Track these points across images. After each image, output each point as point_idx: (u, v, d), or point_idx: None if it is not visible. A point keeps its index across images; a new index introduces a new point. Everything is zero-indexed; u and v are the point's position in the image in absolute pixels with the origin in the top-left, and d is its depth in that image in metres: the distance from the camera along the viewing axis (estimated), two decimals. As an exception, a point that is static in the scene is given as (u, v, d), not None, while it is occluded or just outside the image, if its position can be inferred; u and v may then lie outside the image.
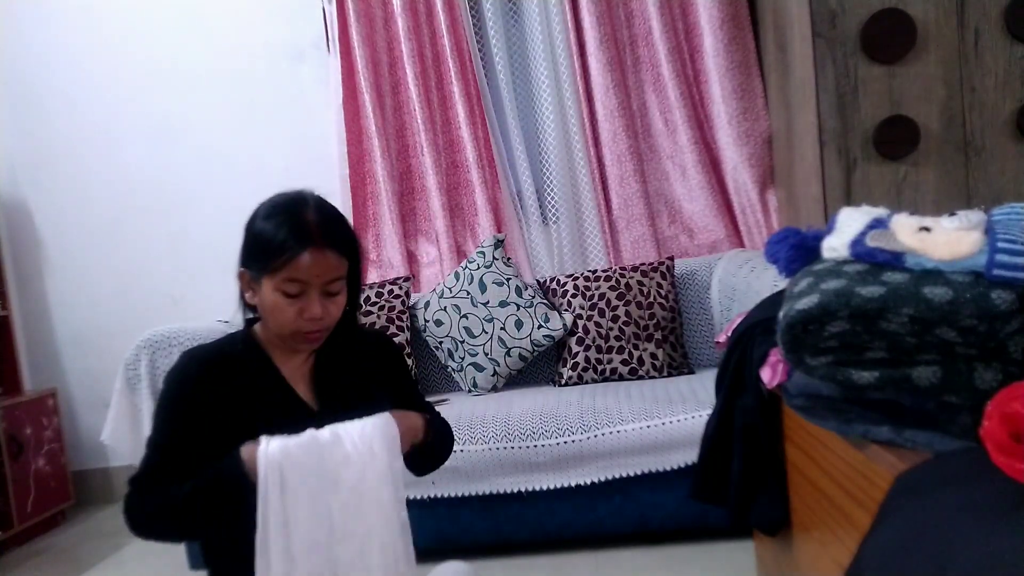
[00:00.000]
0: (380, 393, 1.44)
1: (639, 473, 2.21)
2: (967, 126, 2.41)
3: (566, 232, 3.15)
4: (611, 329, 2.75)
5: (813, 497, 1.26)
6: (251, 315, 1.38)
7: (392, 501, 1.22)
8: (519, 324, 2.80)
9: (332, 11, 3.16)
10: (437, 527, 2.31)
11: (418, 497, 2.23)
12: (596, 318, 2.77)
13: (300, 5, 3.28)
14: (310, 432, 1.21)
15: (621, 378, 2.72)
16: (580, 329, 2.78)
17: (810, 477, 1.27)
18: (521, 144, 3.17)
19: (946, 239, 0.96)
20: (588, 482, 2.23)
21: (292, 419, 1.29)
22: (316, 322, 1.27)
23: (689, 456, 2.14)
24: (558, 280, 2.93)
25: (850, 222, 1.11)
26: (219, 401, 1.28)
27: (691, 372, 2.76)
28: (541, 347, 2.81)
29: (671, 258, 2.91)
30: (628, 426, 2.21)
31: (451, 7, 3.10)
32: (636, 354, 2.72)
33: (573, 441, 2.22)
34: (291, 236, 1.22)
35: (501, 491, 2.26)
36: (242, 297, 1.35)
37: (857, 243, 1.04)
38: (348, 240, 1.30)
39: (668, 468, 2.19)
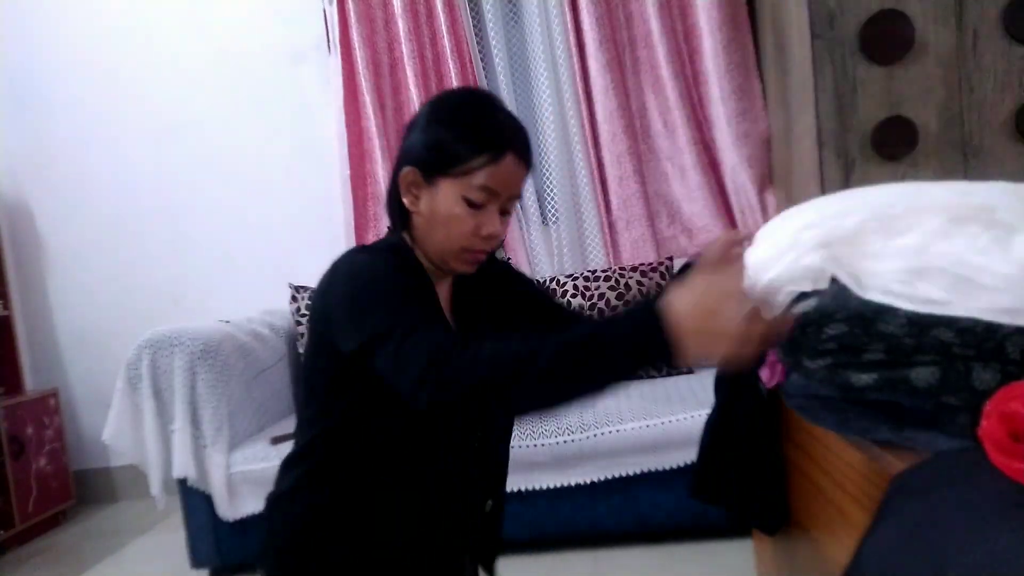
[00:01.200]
0: (516, 319, 1.29)
1: (638, 472, 2.22)
2: (966, 127, 2.41)
3: (566, 232, 3.15)
4: (611, 329, 2.75)
5: (812, 497, 1.26)
6: (397, 226, 1.19)
7: None
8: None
9: (333, 12, 3.16)
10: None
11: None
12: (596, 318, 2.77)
13: (301, 6, 3.29)
14: None
15: (621, 378, 2.72)
16: (580, 329, 2.78)
17: (809, 477, 1.27)
18: (521, 144, 3.16)
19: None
20: (588, 481, 2.24)
21: None
22: (490, 241, 1.13)
23: (688, 455, 2.15)
24: (558, 280, 2.93)
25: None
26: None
27: (690, 371, 2.76)
28: (541, 347, 2.81)
29: (670, 258, 2.92)
30: (628, 425, 2.22)
31: (451, 8, 3.11)
32: (636, 354, 2.72)
33: (573, 440, 2.23)
34: (493, 137, 1.09)
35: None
36: (395, 201, 1.16)
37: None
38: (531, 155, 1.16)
39: (667, 467, 2.20)
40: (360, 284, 1.05)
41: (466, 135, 1.09)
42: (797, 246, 1.09)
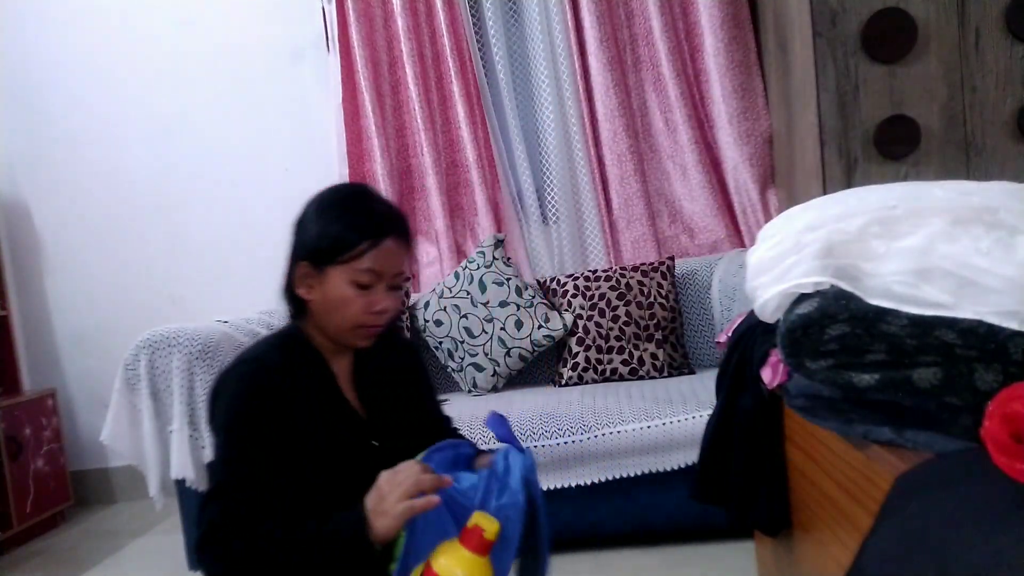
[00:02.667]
0: (414, 399, 1.42)
1: (639, 473, 2.21)
2: (968, 125, 2.41)
3: (566, 232, 3.15)
4: (611, 329, 2.75)
5: (814, 497, 1.26)
6: (294, 314, 1.34)
7: None
8: (519, 324, 2.80)
9: (332, 10, 3.16)
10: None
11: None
12: (596, 318, 2.77)
13: (299, 4, 3.28)
14: None
15: (621, 378, 2.72)
16: (580, 329, 2.78)
17: (811, 477, 1.27)
18: (521, 144, 3.16)
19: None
20: (588, 482, 2.23)
21: (351, 430, 1.29)
22: (381, 316, 1.26)
23: (689, 456, 2.14)
24: (558, 280, 2.93)
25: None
26: (285, 413, 1.21)
27: (691, 372, 2.76)
28: (541, 347, 2.81)
29: (671, 258, 2.91)
30: (628, 426, 2.21)
31: (451, 7, 3.10)
32: (636, 354, 2.72)
33: (573, 441, 2.22)
34: (372, 225, 1.22)
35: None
36: (290, 292, 1.30)
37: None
38: (411, 236, 1.31)
39: (668, 468, 2.19)
40: (216, 430, 1.22)
41: (348, 226, 1.22)
42: (799, 249, 1.09)
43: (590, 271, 2.90)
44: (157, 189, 3.42)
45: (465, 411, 2.40)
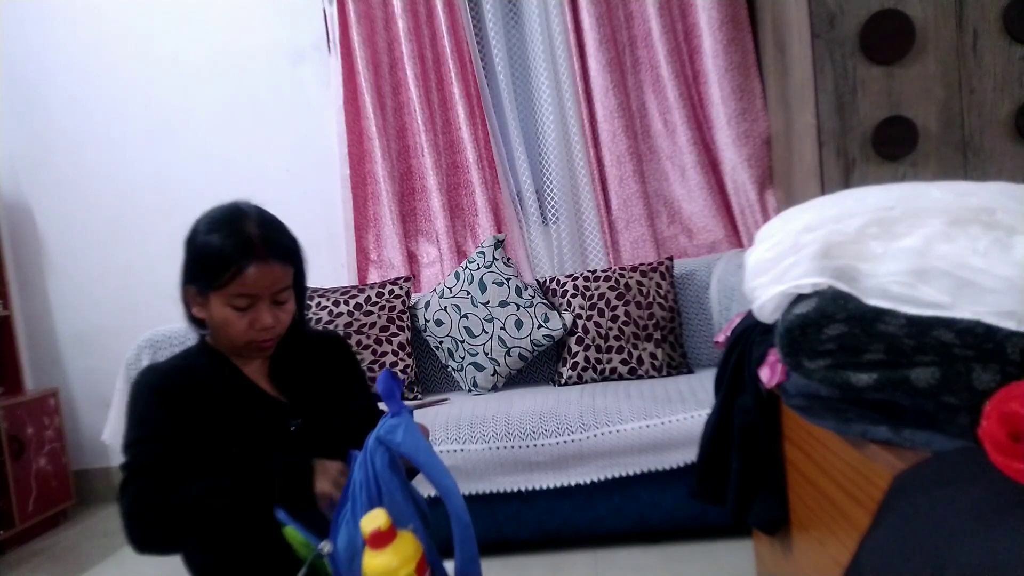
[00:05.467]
0: (334, 388, 1.45)
1: (638, 472, 2.22)
2: (966, 127, 2.42)
3: (566, 232, 3.16)
4: (610, 329, 2.76)
5: (812, 496, 1.26)
6: (200, 330, 1.38)
7: None
8: (519, 324, 2.81)
9: (333, 12, 3.16)
10: (436, 526, 2.31)
11: (419, 496, 2.24)
12: (596, 318, 2.77)
13: (301, 6, 3.29)
14: None
15: (620, 378, 2.73)
16: (580, 329, 2.79)
17: (809, 476, 1.27)
18: (521, 145, 3.17)
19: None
20: (588, 481, 2.24)
21: (267, 413, 1.33)
22: (268, 331, 1.29)
23: (688, 455, 2.15)
24: (558, 280, 2.93)
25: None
26: (191, 406, 1.25)
27: (690, 372, 2.77)
28: (541, 347, 2.82)
29: (670, 258, 2.92)
30: (627, 425, 2.22)
31: (451, 8, 3.11)
32: (635, 354, 2.73)
33: (573, 440, 2.23)
34: (236, 251, 1.23)
35: (501, 490, 2.27)
36: (189, 312, 1.35)
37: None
38: (291, 248, 1.32)
39: (667, 467, 2.20)
40: (125, 430, 1.26)
41: (214, 254, 1.24)
42: (797, 250, 1.09)
43: (589, 271, 2.91)
44: (159, 189, 3.42)
45: (465, 410, 2.41)
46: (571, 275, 2.93)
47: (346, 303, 2.90)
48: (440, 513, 1.17)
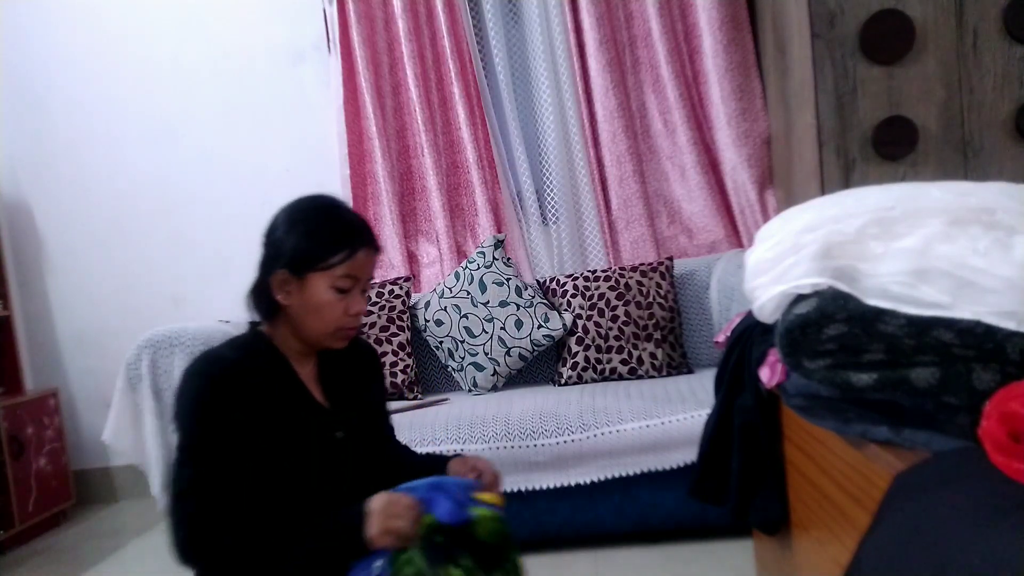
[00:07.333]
0: (370, 397, 1.50)
1: (638, 472, 2.22)
2: (966, 126, 2.42)
3: (566, 232, 3.16)
4: (610, 329, 2.76)
5: (812, 496, 1.26)
6: (256, 319, 1.39)
7: None
8: (519, 324, 2.81)
9: (333, 12, 3.16)
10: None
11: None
12: (596, 318, 2.77)
13: (301, 6, 3.29)
14: None
15: (620, 378, 2.73)
16: (580, 329, 2.79)
17: (809, 476, 1.28)
18: (521, 145, 3.17)
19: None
20: (588, 481, 2.24)
21: (316, 421, 1.35)
22: (356, 319, 1.34)
23: (688, 455, 2.15)
24: (558, 280, 2.93)
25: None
26: (245, 408, 1.26)
27: (690, 372, 2.77)
28: (541, 347, 2.82)
29: (670, 258, 2.92)
30: (627, 425, 2.22)
31: (451, 8, 3.11)
32: (635, 354, 2.73)
33: (573, 440, 2.23)
34: (350, 234, 1.31)
35: (501, 490, 2.27)
36: (262, 299, 1.35)
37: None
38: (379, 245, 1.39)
39: (667, 467, 2.20)
40: (180, 427, 1.26)
41: (328, 236, 1.30)
42: (797, 250, 1.09)
43: (589, 271, 2.91)
44: (159, 190, 3.42)
45: (465, 410, 2.41)
46: (571, 275, 2.93)
47: (346, 303, 2.90)
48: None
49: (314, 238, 1.30)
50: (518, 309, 2.83)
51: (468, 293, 2.87)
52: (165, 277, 3.45)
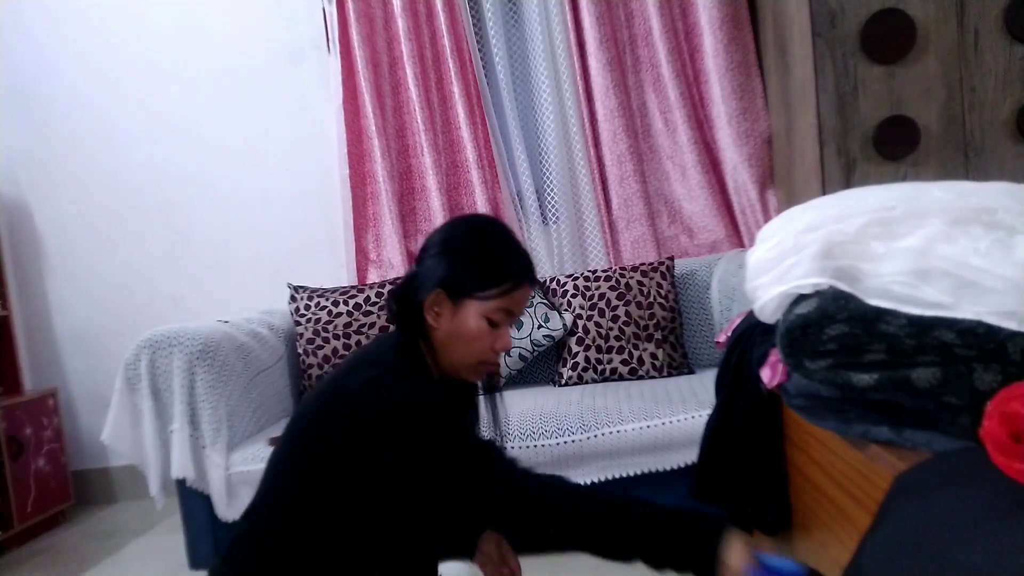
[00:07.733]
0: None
1: (639, 473, 2.21)
2: (967, 126, 2.41)
3: (566, 232, 3.15)
4: (611, 329, 2.75)
5: (813, 497, 1.26)
6: (408, 338, 1.27)
7: None
8: (519, 324, 2.80)
9: (332, 11, 3.16)
10: (437, 527, 2.31)
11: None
12: (596, 318, 2.77)
13: (300, 5, 3.29)
14: None
15: (621, 378, 2.73)
16: (580, 329, 2.78)
17: (810, 477, 1.27)
18: (521, 144, 3.17)
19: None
20: (588, 482, 2.23)
21: (472, 458, 1.18)
22: (500, 354, 1.27)
23: (689, 456, 2.14)
24: (558, 280, 2.93)
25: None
26: (446, 442, 1.14)
27: (691, 372, 2.76)
28: (541, 347, 2.81)
29: (671, 258, 2.91)
30: (628, 426, 2.21)
31: (451, 7, 3.10)
32: (636, 354, 2.72)
33: (573, 441, 2.22)
34: (521, 266, 1.25)
35: None
36: (415, 315, 1.25)
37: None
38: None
39: (668, 468, 2.19)
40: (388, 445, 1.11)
41: (501, 264, 1.23)
42: (798, 250, 1.09)
43: (590, 271, 2.91)
44: (158, 189, 3.43)
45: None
46: (571, 275, 2.93)
47: (345, 303, 2.89)
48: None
49: (485, 263, 1.23)
50: (518, 309, 2.82)
51: (468, 293, 2.86)
52: (164, 277, 3.45)
